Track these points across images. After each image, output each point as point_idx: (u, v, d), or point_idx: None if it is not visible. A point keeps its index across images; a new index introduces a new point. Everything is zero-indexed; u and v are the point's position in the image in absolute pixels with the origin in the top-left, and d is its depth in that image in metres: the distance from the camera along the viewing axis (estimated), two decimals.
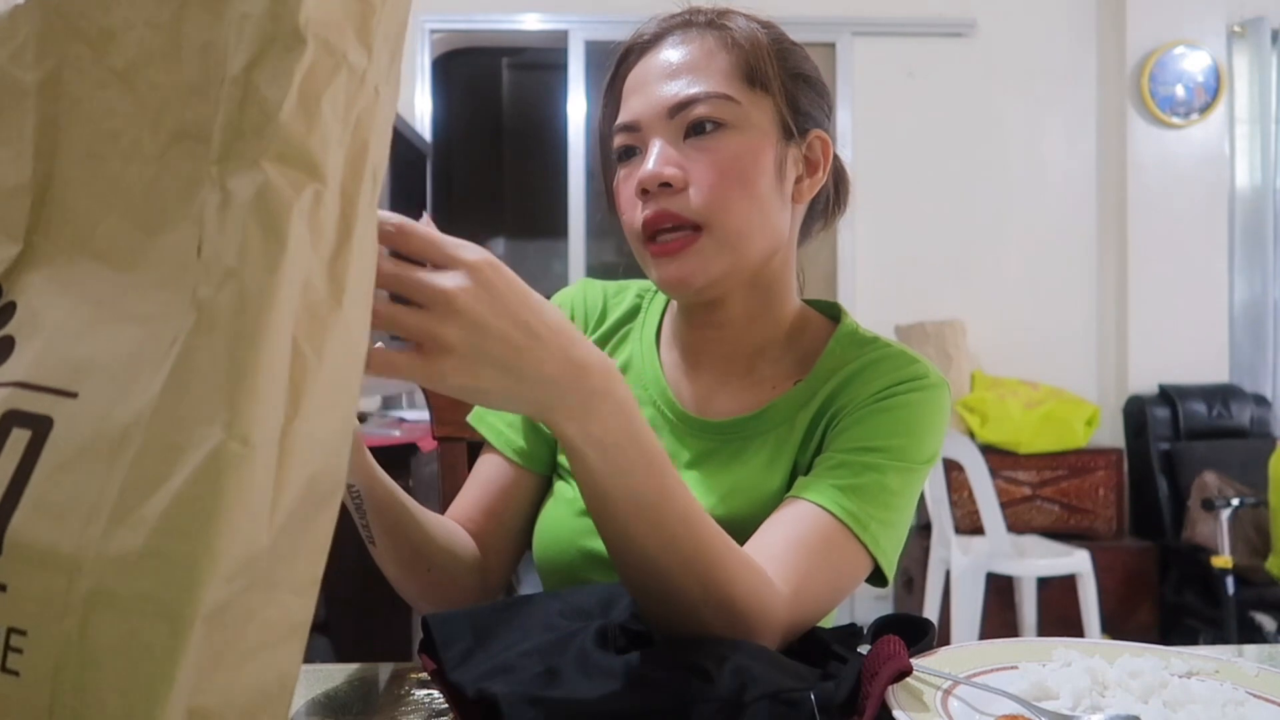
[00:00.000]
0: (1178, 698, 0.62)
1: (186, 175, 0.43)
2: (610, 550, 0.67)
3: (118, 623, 0.38)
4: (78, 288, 0.44)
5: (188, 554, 0.38)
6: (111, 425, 0.40)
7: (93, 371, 0.42)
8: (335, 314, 0.43)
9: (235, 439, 0.38)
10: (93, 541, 0.39)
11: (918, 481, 0.85)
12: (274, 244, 0.40)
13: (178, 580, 0.38)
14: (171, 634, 0.37)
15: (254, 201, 0.40)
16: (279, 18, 0.41)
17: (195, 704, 0.39)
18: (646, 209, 0.84)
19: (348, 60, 0.43)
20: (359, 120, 0.44)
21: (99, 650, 0.38)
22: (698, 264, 0.84)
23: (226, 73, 0.42)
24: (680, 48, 0.86)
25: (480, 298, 0.54)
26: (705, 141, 0.84)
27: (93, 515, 0.39)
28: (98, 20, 0.45)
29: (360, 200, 0.44)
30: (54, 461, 0.41)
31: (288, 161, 0.41)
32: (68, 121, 0.46)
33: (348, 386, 0.45)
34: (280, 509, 0.41)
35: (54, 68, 0.46)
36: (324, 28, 0.42)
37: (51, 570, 0.39)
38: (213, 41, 0.43)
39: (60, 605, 0.38)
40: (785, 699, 0.57)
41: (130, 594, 0.38)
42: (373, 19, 0.44)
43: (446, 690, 0.61)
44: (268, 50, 0.41)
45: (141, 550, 0.38)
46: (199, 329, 0.40)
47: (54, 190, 0.46)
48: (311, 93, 0.42)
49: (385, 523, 0.80)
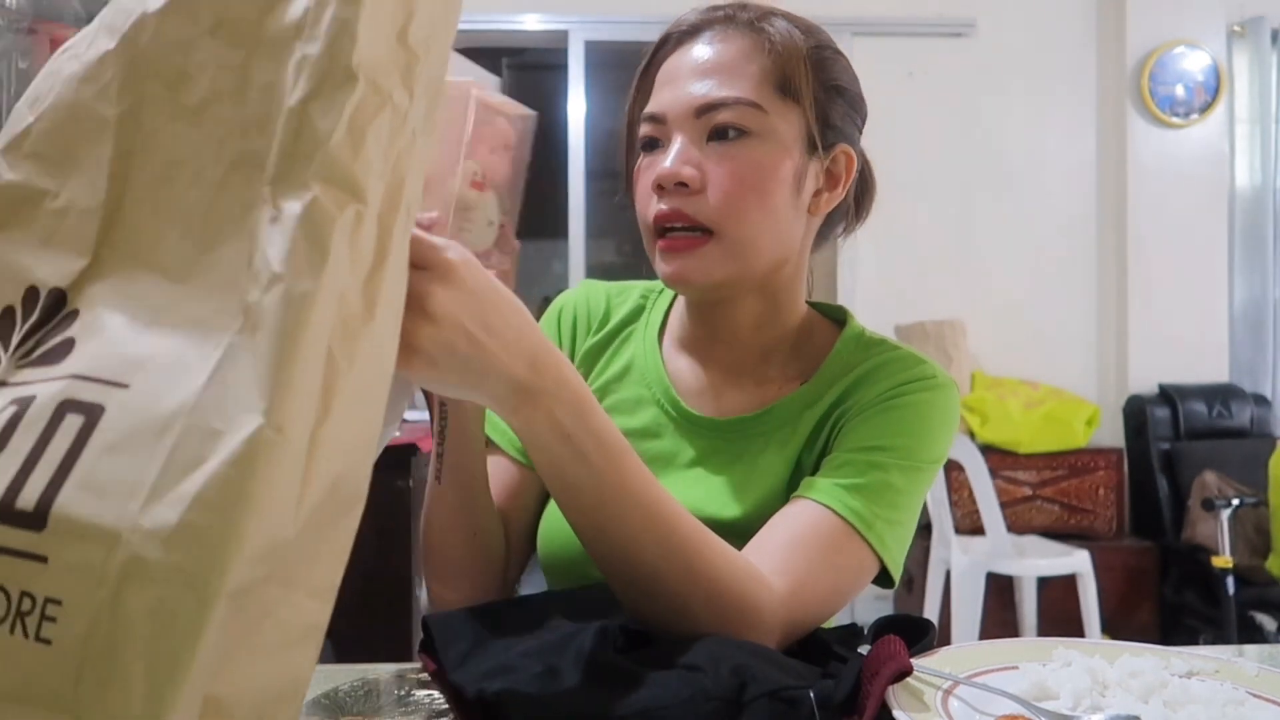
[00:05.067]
0: (1178, 698, 0.62)
1: (242, 198, 0.47)
2: (585, 545, 0.69)
3: (148, 591, 0.40)
4: (136, 297, 0.48)
5: (219, 530, 0.40)
6: (158, 412, 0.43)
7: (144, 366, 0.45)
8: (367, 328, 0.47)
9: (271, 427, 0.41)
10: (131, 516, 0.41)
11: (925, 482, 0.84)
12: (318, 254, 0.44)
13: (208, 555, 0.40)
14: (198, 606, 0.40)
15: (302, 216, 0.45)
16: (335, 58, 0.46)
17: (211, 692, 0.41)
18: (661, 204, 0.84)
19: (393, 100, 0.48)
20: (399, 157, 0.49)
21: (128, 618, 0.40)
22: (701, 266, 0.84)
23: (284, 105, 0.47)
24: (716, 45, 0.86)
25: (455, 300, 0.57)
26: (727, 147, 0.84)
27: (134, 492, 0.42)
28: (176, 63, 0.50)
29: (395, 230, 0.49)
30: (102, 444, 0.43)
31: (334, 182, 0.45)
32: (141, 151, 0.50)
33: (374, 398, 0.48)
34: (306, 504, 0.43)
35: (133, 104, 0.51)
36: (374, 70, 0.47)
37: (92, 543, 0.41)
38: (274, 81, 0.48)
39: (97, 576, 0.41)
40: (785, 697, 0.57)
41: (162, 565, 0.40)
42: (416, 66, 0.49)
43: (447, 690, 0.61)
44: (322, 86, 0.46)
45: (176, 525, 0.40)
46: (245, 329, 0.44)
47: (123, 212, 0.50)
48: (359, 125, 0.46)
49: (460, 457, 0.80)
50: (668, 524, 0.67)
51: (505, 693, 0.57)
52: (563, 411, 0.64)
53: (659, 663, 0.60)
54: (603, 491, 0.66)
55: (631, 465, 0.67)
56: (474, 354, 0.58)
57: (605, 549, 0.68)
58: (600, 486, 0.66)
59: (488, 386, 0.61)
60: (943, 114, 4.01)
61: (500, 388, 0.61)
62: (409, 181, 0.50)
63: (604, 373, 0.97)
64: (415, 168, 0.50)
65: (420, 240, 0.57)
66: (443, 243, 0.58)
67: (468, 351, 0.58)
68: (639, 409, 0.93)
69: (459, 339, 0.57)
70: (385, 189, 0.48)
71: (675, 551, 0.67)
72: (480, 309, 0.58)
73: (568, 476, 0.66)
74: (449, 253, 0.57)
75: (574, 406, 0.64)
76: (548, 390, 0.63)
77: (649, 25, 4.35)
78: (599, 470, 0.66)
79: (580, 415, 0.65)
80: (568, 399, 0.64)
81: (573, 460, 0.65)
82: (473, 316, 0.58)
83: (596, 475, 0.66)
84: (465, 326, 0.57)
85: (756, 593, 0.69)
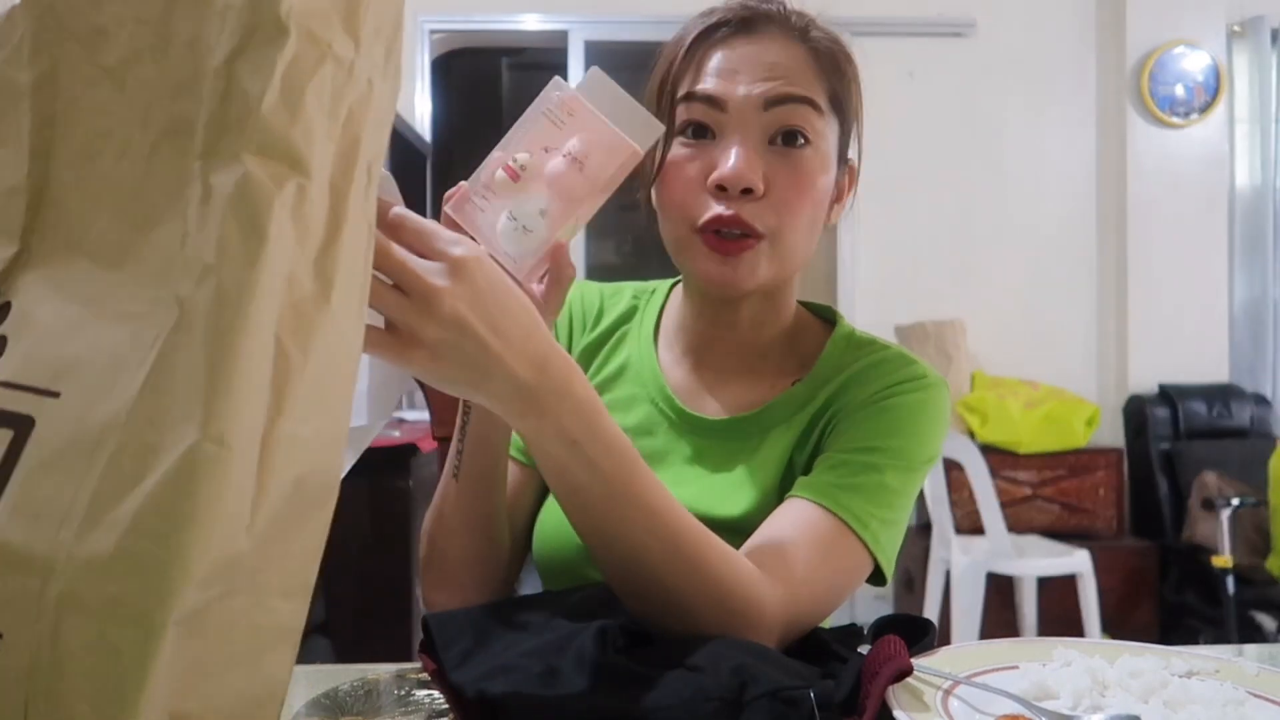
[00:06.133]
0: (1178, 697, 0.62)
1: (174, 172, 0.42)
2: (589, 548, 0.69)
3: (87, 627, 0.37)
4: (69, 287, 0.44)
5: (159, 557, 0.37)
6: (90, 426, 0.39)
7: (76, 371, 0.41)
8: (323, 311, 0.42)
9: (210, 439, 0.37)
10: (65, 544, 0.38)
11: (917, 481, 0.85)
12: (253, 239, 0.39)
13: (148, 584, 0.37)
14: (142, 639, 0.37)
15: (233, 196, 0.40)
16: (260, 8, 0.40)
17: (177, 709, 0.38)
18: (720, 207, 0.82)
19: (333, 51, 0.42)
20: (349, 114, 0.43)
21: (70, 653, 0.37)
22: (750, 270, 0.84)
23: (209, 65, 0.41)
24: (776, 45, 0.85)
25: (462, 297, 0.56)
26: (791, 154, 0.83)
27: (67, 517, 0.38)
28: (89, 18, 0.44)
29: (352, 195, 0.44)
30: (34, 462, 0.40)
31: (269, 154, 0.40)
32: (63, 121, 0.45)
33: (339, 385, 0.44)
34: (262, 512, 0.40)
35: (48, 67, 0.45)
36: (307, 18, 0.41)
37: (25, 573, 0.38)
38: (199, 36, 0.42)
39: (34, 608, 0.38)
40: (785, 697, 0.57)
41: (100, 598, 0.37)
42: (360, 9, 0.43)
43: (447, 691, 0.61)
44: (249, 41, 0.40)
45: (113, 553, 0.37)
46: (179, 328, 0.39)
47: (50, 190, 0.45)
48: (294, 84, 0.41)
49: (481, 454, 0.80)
50: (672, 528, 0.67)
51: (505, 693, 0.57)
52: (570, 417, 0.63)
53: (659, 663, 0.60)
54: (610, 497, 0.66)
55: (639, 470, 0.67)
56: (479, 354, 0.57)
57: (610, 552, 0.68)
58: (608, 492, 0.65)
59: (491, 387, 0.60)
60: (943, 114, 4.00)
61: (505, 389, 0.60)
62: (366, 138, 0.44)
63: (600, 371, 0.97)
64: (374, 121, 0.45)
65: (432, 233, 0.56)
66: (454, 237, 0.57)
67: (473, 351, 0.57)
68: (633, 406, 0.94)
69: (465, 338, 0.56)
70: (336, 151, 0.43)
71: (680, 555, 0.67)
72: (488, 309, 0.57)
73: (575, 481, 0.66)
74: (459, 248, 0.56)
75: (582, 412, 0.63)
76: (555, 395, 0.62)
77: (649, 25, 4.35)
78: (607, 476, 0.65)
79: (588, 421, 0.64)
80: (575, 404, 0.63)
81: (580, 466, 0.64)
82: (481, 315, 0.57)
83: (604, 481, 0.65)
84: (472, 325, 0.56)
85: (758, 594, 0.69)
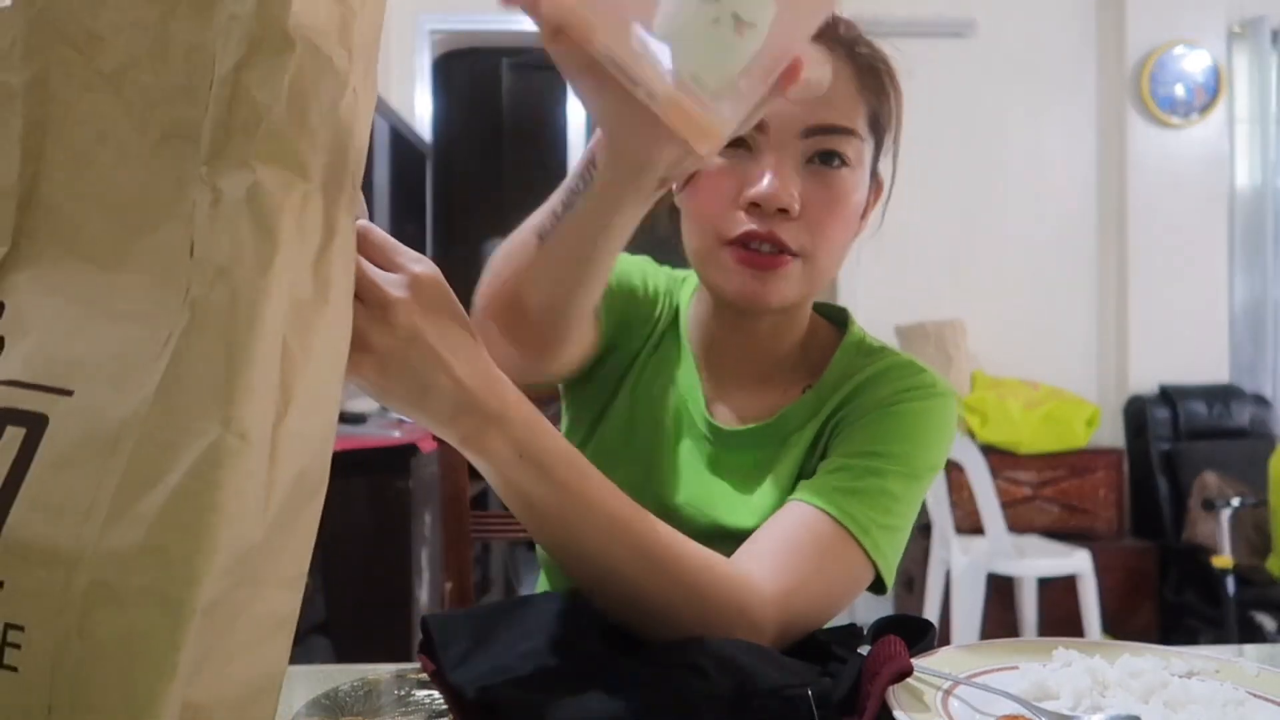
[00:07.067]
0: (1178, 698, 0.62)
1: (175, 175, 0.44)
2: (560, 565, 0.69)
3: (118, 617, 0.38)
4: (65, 288, 0.45)
5: (188, 547, 0.38)
6: (107, 423, 0.41)
7: (86, 369, 0.42)
8: (321, 313, 0.44)
9: (233, 434, 0.39)
10: (91, 537, 0.39)
11: (920, 489, 0.84)
12: (266, 244, 0.41)
13: (179, 573, 0.38)
14: (173, 626, 0.38)
15: (245, 201, 0.41)
16: (268, 20, 0.42)
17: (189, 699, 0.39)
18: (752, 224, 0.81)
19: (333, 63, 0.44)
20: (341, 123, 0.45)
21: (99, 644, 0.38)
22: (783, 288, 0.83)
23: (215, 73, 0.42)
24: None
25: (414, 312, 0.56)
26: (828, 175, 0.82)
27: (90, 511, 0.40)
28: (85, 24, 0.46)
29: (342, 201, 0.45)
30: (50, 459, 0.41)
31: (278, 162, 0.42)
32: (55, 124, 0.46)
33: (332, 384, 0.46)
34: (273, 504, 0.42)
35: (41, 71, 0.46)
36: (311, 31, 0.43)
37: (49, 566, 0.39)
38: (200, 44, 0.43)
39: (58, 600, 0.39)
40: (784, 697, 0.57)
41: (131, 588, 0.38)
42: (353, 22, 0.45)
43: (446, 691, 0.61)
44: (257, 52, 0.42)
45: (141, 545, 0.39)
46: (192, 328, 0.41)
47: (40, 192, 0.46)
48: (300, 95, 0.42)
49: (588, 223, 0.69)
50: (636, 532, 0.66)
51: (505, 693, 0.57)
52: (517, 430, 0.62)
53: (659, 663, 0.60)
54: (565, 506, 0.65)
55: (591, 477, 0.66)
56: (425, 366, 0.58)
57: (580, 565, 0.67)
58: (562, 501, 0.65)
59: (431, 403, 0.60)
60: (943, 114, 4.00)
61: (447, 405, 0.60)
62: (353, 146, 0.46)
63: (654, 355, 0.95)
64: (359, 130, 0.46)
65: (394, 247, 0.57)
66: (416, 255, 0.58)
67: (419, 364, 0.57)
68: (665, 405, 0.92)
69: (414, 349, 0.57)
70: (330, 159, 0.44)
71: (649, 559, 0.66)
72: (441, 324, 0.58)
73: (528, 495, 0.65)
74: (420, 265, 0.58)
75: (527, 426, 0.63)
76: (499, 412, 0.62)
77: None
78: (559, 484, 0.64)
79: (534, 433, 0.64)
80: (521, 420, 0.63)
81: (531, 479, 0.64)
82: (432, 329, 0.57)
83: (557, 490, 0.64)
84: (424, 337, 0.57)
85: (741, 595, 0.68)
